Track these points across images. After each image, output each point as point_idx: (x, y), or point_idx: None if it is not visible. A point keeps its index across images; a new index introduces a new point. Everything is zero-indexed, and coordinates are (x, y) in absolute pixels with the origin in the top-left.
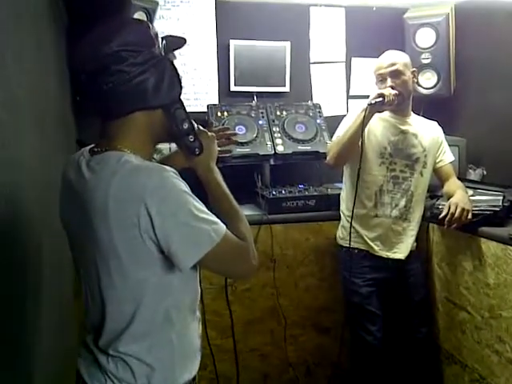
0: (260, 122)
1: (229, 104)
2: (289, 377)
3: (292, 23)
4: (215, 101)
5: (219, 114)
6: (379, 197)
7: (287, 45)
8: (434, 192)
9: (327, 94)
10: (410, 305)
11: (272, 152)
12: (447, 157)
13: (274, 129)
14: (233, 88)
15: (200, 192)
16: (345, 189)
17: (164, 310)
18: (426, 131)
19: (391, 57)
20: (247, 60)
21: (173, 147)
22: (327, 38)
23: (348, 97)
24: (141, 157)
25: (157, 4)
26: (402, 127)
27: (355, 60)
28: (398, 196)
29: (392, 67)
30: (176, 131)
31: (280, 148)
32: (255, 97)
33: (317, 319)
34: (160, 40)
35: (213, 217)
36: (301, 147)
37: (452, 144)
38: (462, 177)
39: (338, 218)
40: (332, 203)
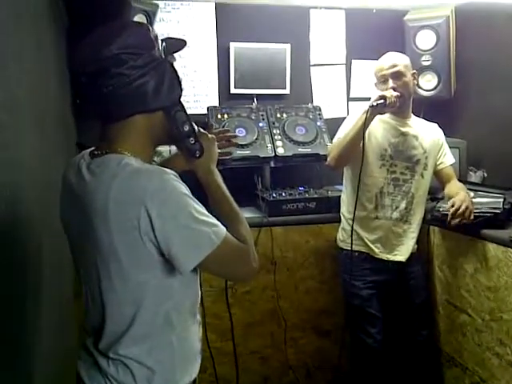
0: (260, 125)
1: (229, 106)
2: (289, 379)
3: (292, 25)
4: (215, 103)
5: (219, 117)
6: (380, 199)
7: (287, 47)
8: (435, 194)
9: (327, 96)
10: (411, 307)
11: (272, 154)
12: (448, 159)
13: (275, 131)
14: (233, 90)
15: (200, 194)
16: (345, 191)
17: (164, 313)
18: (427, 133)
19: (392, 58)
20: (247, 62)
21: (173, 150)
22: (327, 41)
23: (348, 99)
24: (141, 159)
25: (157, 6)
26: (403, 129)
27: (355, 62)
28: (399, 198)
29: (393, 68)
30: (176, 134)
31: (280, 150)
32: (255, 99)
33: (317, 322)
34: (160, 42)
35: (213, 219)
36: (301, 149)
37: (452, 146)
38: (463, 179)
39: (339, 221)
40: (332, 205)
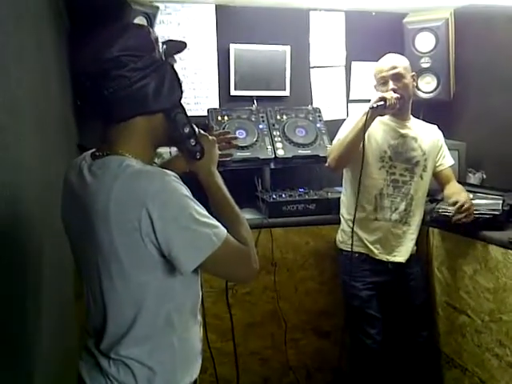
0: (260, 126)
1: (229, 108)
2: (289, 380)
3: (292, 27)
4: (215, 105)
5: (219, 118)
6: (379, 200)
7: (287, 49)
8: (434, 196)
9: (327, 98)
10: (411, 309)
11: (272, 156)
12: (447, 161)
13: (275, 133)
14: (233, 92)
15: (201, 196)
16: (345, 193)
17: (165, 314)
18: (426, 135)
19: (392, 60)
20: (247, 64)
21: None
22: (327, 43)
23: (348, 101)
24: (142, 161)
25: (157, 9)
26: (402, 131)
27: (355, 64)
28: (398, 200)
29: (393, 70)
30: (177, 135)
31: (280, 152)
32: (255, 101)
33: (317, 323)
34: (160, 44)
35: (214, 221)
36: (301, 151)
37: (452, 148)
38: (462, 181)
39: (338, 222)
40: (332, 207)
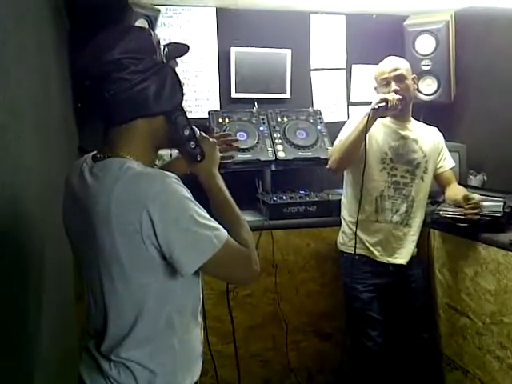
0: (261, 129)
1: (230, 110)
2: (290, 382)
3: (293, 30)
4: (216, 107)
5: (220, 121)
6: (380, 202)
7: (288, 52)
8: (435, 198)
9: (328, 101)
10: (412, 310)
11: (273, 158)
12: (448, 163)
13: (275, 135)
14: (234, 94)
15: (202, 198)
16: (345, 195)
17: (166, 316)
18: (427, 137)
19: (394, 62)
20: (248, 67)
21: (174, 153)
22: (328, 45)
23: (348, 103)
24: (143, 163)
25: (158, 11)
26: (403, 133)
27: (355, 67)
28: (399, 201)
29: (395, 72)
30: (178, 138)
31: (281, 154)
32: (256, 103)
33: (318, 325)
34: (162, 47)
35: (215, 223)
36: (301, 153)
37: (452, 150)
38: (463, 183)
39: (339, 224)
40: (333, 209)
